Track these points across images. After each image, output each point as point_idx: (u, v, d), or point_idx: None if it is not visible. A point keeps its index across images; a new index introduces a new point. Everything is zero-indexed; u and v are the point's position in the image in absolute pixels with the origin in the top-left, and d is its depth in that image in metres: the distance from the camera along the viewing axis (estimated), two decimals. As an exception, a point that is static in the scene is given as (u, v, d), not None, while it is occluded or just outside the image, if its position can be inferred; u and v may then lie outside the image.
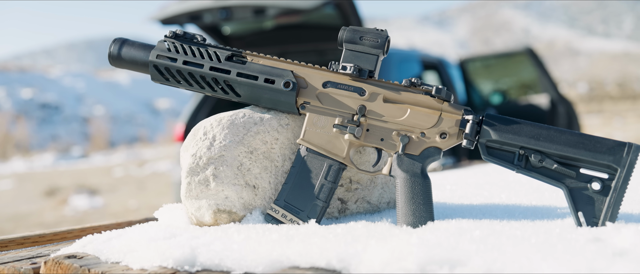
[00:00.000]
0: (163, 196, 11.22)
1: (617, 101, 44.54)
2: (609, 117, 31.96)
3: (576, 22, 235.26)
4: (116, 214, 9.63)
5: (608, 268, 0.99)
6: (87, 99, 42.44)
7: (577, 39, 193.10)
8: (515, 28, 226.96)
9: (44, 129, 37.12)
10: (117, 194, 12.59)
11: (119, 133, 37.10)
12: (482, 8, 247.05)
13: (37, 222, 9.28)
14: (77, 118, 39.78)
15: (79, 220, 9.39)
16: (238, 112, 1.57)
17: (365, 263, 1.10)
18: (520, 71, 8.65)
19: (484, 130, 1.44)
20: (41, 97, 40.88)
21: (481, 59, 8.96)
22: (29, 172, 18.93)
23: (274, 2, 5.46)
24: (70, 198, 11.60)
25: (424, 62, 7.33)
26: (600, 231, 1.26)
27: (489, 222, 1.40)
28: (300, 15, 5.89)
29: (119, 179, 15.67)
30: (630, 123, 27.65)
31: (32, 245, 1.66)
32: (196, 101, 6.58)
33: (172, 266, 1.19)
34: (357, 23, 5.82)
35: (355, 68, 1.50)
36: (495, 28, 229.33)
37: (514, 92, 9.06)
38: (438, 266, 1.05)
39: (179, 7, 5.73)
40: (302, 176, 1.51)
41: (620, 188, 1.36)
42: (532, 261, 1.03)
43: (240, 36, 6.70)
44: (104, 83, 46.61)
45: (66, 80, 44.42)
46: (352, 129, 1.49)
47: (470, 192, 2.05)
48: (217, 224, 1.52)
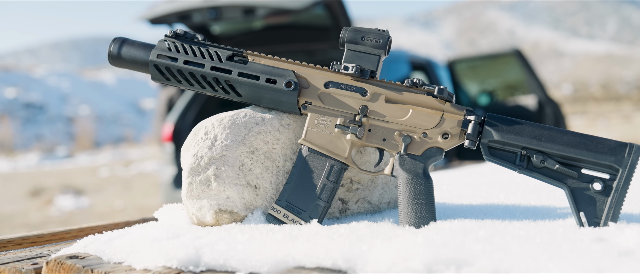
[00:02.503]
0: (149, 196, 11.17)
1: (601, 102, 44.93)
2: (593, 118, 32.24)
3: (561, 23, 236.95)
4: (102, 215, 9.57)
5: (615, 268, 0.99)
6: (72, 98, 42.17)
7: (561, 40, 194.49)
8: (500, 29, 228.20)
9: (28, 128, 36.84)
10: (103, 194, 12.52)
11: (104, 133, 36.90)
12: (468, 9, 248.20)
13: (22, 223, 9.20)
14: (62, 118, 39.51)
15: (65, 221, 9.32)
16: (239, 112, 1.57)
17: (372, 263, 1.10)
18: (508, 72, 8.69)
19: (486, 130, 1.45)
20: (25, 97, 40.58)
21: (469, 60, 9.00)
22: (13, 172, 18.78)
23: (263, 2, 5.45)
24: (56, 199, 11.52)
25: (413, 63, 7.34)
26: (603, 231, 1.27)
27: (491, 222, 1.41)
28: (290, 15, 5.89)
29: (104, 179, 15.59)
30: (614, 124, 27.90)
31: (30, 245, 1.65)
32: (185, 101, 6.55)
33: (176, 267, 1.18)
34: (346, 24, 5.82)
35: (357, 68, 1.50)
36: (481, 29, 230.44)
37: (502, 93, 9.10)
38: (445, 266, 1.05)
39: (168, 7, 5.71)
40: (304, 176, 1.51)
41: (621, 188, 1.37)
42: (539, 261, 1.03)
43: (229, 36, 6.69)
44: (89, 83, 46.35)
45: (51, 79, 44.12)
46: (354, 129, 1.49)
47: (468, 193, 2.06)
48: (218, 224, 1.52)
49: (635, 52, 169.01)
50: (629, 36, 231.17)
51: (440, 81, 7.70)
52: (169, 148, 6.36)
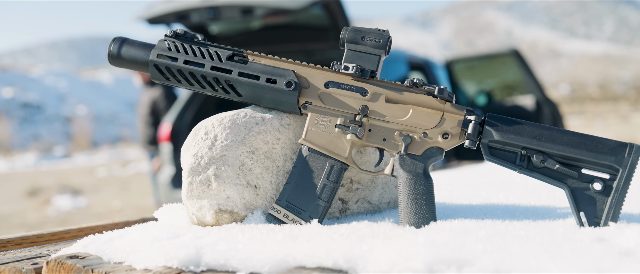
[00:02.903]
0: (147, 196, 11.17)
1: (598, 102, 45.02)
2: (591, 118, 32.29)
3: (558, 24, 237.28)
4: (100, 215, 9.57)
5: (616, 268, 0.99)
6: (70, 98, 42.13)
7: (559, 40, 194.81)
8: (498, 29, 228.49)
9: (26, 128, 36.80)
10: (100, 194, 12.52)
11: (102, 133, 36.87)
12: (466, 9, 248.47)
13: (20, 222, 9.19)
14: (59, 118, 39.48)
15: (62, 221, 9.32)
16: (239, 112, 1.56)
17: (373, 263, 1.10)
18: (506, 72, 8.70)
19: (486, 130, 1.45)
20: (22, 97, 40.54)
21: (467, 60, 9.01)
22: (10, 172, 18.76)
23: (262, 2, 5.44)
24: (53, 198, 11.52)
25: (411, 63, 7.34)
26: (604, 231, 1.27)
27: (491, 222, 1.41)
28: (288, 15, 5.88)
29: (102, 179, 15.59)
30: (611, 124, 27.95)
31: (30, 245, 1.65)
32: (183, 101, 6.55)
33: (177, 266, 1.18)
34: (344, 24, 5.82)
35: (357, 68, 1.50)
36: (479, 29, 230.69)
37: (500, 93, 9.11)
38: (446, 266, 1.05)
39: (166, 7, 5.70)
40: (304, 176, 1.51)
41: (621, 188, 1.37)
42: (540, 261, 1.03)
43: (227, 36, 6.68)
44: (87, 82, 46.30)
45: (48, 79, 44.07)
46: (355, 129, 1.49)
47: (467, 193, 2.06)
48: (218, 224, 1.52)
49: (632, 52, 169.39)
50: (626, 36, 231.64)
51: (438, 81, 7.69)
52: (167, 148, 6.36)
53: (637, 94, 46.36)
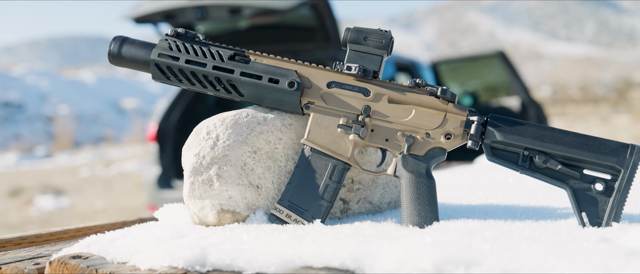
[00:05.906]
0: (131, 196, 11.09)
1: (579, 104, 45.39)
2: (572, 120, 32.55)
3: (540, 26, 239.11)
4: (83, 215, 9.49)
5: (624, 267, 1.00)
6: (51, 97, 41.75)
7: (540, 42, 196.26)
8: (480, 31, 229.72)
9: (7, 128, 36.42)
10: (83, 194, 12.41)
11: (84, 133, 36.58)
12: (449, 11, 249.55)
13: (2, 223, 9.09)
14: (41, 117, 39.11)
15: (45, 221, 9.23)
16: (241, 111, 1.56)
17: (380, 263, 1.10)
18: (491, 74, 8.74)
19: (488, 131, 1.46)
20: (3, 96, 40.11)
21: (453, 62, 9.04)
22: (-9, 172, 18.54)
23: (249, 2, 5.42)
24: (35, 199, 11.39)
25: (398, 64, 7.36)
26: (607, 231, 1.28)
27: (494, 222, 1.41)
28: (276, 15, 5.86)
29: (84, 179, 15.45)
30: (592, 126, 28.19)
31: (29, 245, 1.63)
32: (169, 100, 6.51)
33: (182, 267, 1.18)
34: (332, 24, 5.82)
35: (359, 68, 1.50)
36: (462, 31, 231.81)
37: (484, 95, 9.15)
38: (454, 266, 1.05)
39: (153, 6, 5.65)
40: (307, 176, 1.50)
41: (623, 189, 1.39)
42: (548, 261, 1.04)
43: (214, 36, 6.65)
44: (69, 82, 45.91)
45: (29, 78, 43.65)
46: (357, 129, 1.49)
47: (465, 193, 2.07)
48: (220, 224, 1.51)
49: (613, 54, 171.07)
50: (606, 39, 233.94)
51: (424, 82, 7.70)
52: (152, 148, 6.32)
53: (617, 96, 46.83)
